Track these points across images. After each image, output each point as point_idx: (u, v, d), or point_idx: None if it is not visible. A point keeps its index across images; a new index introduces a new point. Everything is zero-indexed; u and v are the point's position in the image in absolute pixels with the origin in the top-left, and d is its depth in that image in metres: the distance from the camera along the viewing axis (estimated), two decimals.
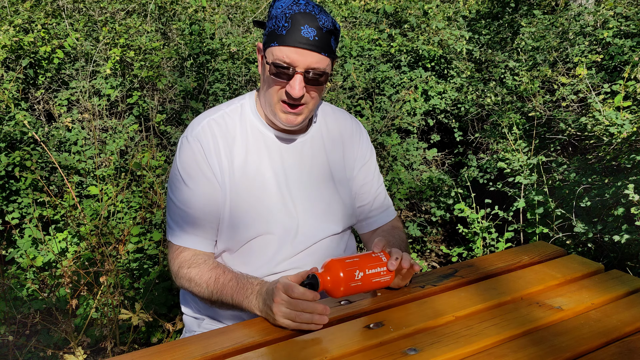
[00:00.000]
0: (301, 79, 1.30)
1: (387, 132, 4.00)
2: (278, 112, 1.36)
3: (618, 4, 4.23)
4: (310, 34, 1.27)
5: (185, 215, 1.40)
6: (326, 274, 1.20)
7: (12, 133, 3.45)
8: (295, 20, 1.27)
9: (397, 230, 1.61)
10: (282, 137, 1.45)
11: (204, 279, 1.35)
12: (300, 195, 1.44)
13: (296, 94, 1.30)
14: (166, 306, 2.62)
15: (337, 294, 1.21)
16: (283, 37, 1.28)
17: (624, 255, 2.80)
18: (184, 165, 1.40)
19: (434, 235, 3.97)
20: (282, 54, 1.29)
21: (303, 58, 1.28)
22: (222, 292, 1.31)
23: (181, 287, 1.42)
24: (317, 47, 1.28)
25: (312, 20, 1.28)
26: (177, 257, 1.41)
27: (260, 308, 1.23)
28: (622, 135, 2.95)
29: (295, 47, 1.28)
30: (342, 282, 1.20)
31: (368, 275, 1.23)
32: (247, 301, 1.26)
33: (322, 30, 1.29)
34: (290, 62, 1.29)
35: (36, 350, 2.32)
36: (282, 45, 1.28)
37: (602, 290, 1.34)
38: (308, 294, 1.15)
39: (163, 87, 4.07)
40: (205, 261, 1.39)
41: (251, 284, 1.28)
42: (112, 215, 3.12)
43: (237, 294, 1.28)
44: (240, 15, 5.16)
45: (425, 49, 4.46)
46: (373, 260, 1.26)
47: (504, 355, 1.08)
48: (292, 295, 1.14)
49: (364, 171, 1.59)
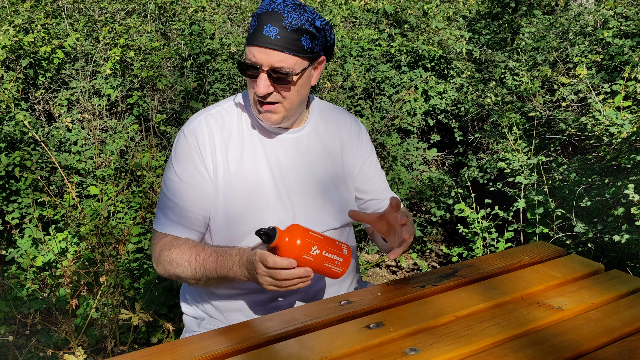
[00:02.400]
0: (265, 77, 1.32)
1: (387, 132, 4.00)
2: (255, 112, 1.40)
3: (618, 4, 4.23)
4: (271, 32, 1.28)
5: (173, 206, 1.42)
6: (285, 234, 1.19)
7: (12, 133, 3.45)
8: (260, 20, 1.30)
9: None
10: (278, 132, 1.46)
11: (185, 257, 1.36)
12: (295, 189, 1.45)
13: (260, 92, 1.32)
14: (166, 306, 2.62)
15: (286, 256, 1.20)
16: (250, 37, 1.31)
17: (624, 255, 2.80)
18: (177, 157, 1.42)
19: (434, 235, 3.97)
20: (249, 53, 1.32)
21: (266, 57, 1.30)
22: (205, 267, 1.34)
23: (164, 272, 1.42)
24: (280, 46, 1.29)
25: (276, 19, 1.28)
26: (158, 242, 1.42)
27: (246, 276, 1.29)
28: (622, 135, 2.95)
29: (259, 46, 1.30)
30: (296, 249, 1.19)
31: (322, 257, 1.23)
32: (232, 272, 1.30)
33: (286, 29, 1.29)
34: (255, 61, 1.31)
35: (36, 350, 2.32)
36: (249, 45, 1.32)
37: (602, 290, 1.34)
38: (282, 262, 1.18)
39: (163, 87, 4.07)
40: (186, 242, 1.40)
41: (230, 254, 1.31)
42: (112, 215, 3.11)
43: (220, 267, 1.32)
44: (240, 15, 5.16)
45: (425, 49, 4.46)
46: (335, 247, 1.26)
47: (504, 355, 1.08)
48: (267, 265, 1.19)
49: (366, 168, 1.60)
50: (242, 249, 1.31)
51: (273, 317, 1.25)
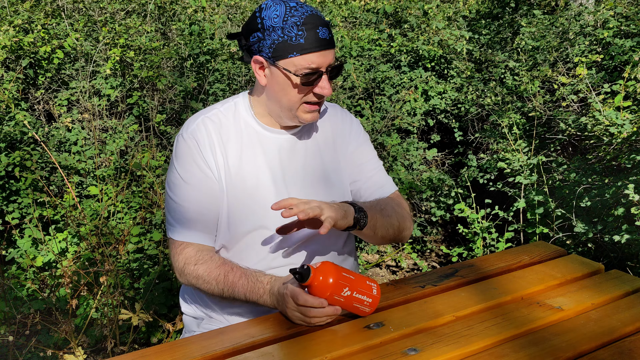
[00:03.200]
0: (326, 77, 1.36)
1: (387, 132, 4.00)
2: (300, 114, 1.40)
3: (618, 3, 4.23)
4: (325, 33, 1.33)
5: (185, 211, 1.41)
6: (319, 274, 1.18)
7: (12, 133, 3.45)
8: (307, 25, 1.31)
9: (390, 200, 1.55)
10: (276, 133, 1.46)
11: (213, 276, 1.36)
12: (295, 189, 1.45)
13: (328, 93, 1.36)
14: (166, 306, 2.62)
15: (317, 295, 1.18)
16: (302, 45, 1.31)
17: (624, 255, 2.80)
18: (180, 162, 1.42)
19: (434, 235, 3.97)
20: (306, 61, 1.32)
21: (326, 58, 1.34)
22: (234, 290, 1.34)
23: (188, 284, 1.42)
24: (332, 43, 1.36)
25: (320, 19, 1.33)
26: (180, 253, 1.42)
27: (275, 305, 1.29)
28: (622, 135, 2.95)
29: (319, 51, 1.32)
30: (328, 289, 1.17)
31: (353, 298, 1.21)
32: (262, 300, 1.31)
33: (328, 25, 1.35)
34: (317, 66, 1.33)
35: (36, 351, 2.32)
36: (304, 54, 1.32)
37: (602, 290, 1.34)
38: (313, 301, 1.17)
39: (163, 87, 4.07)
40: (212, 257, 1.40)
41: (261, 282, 1.32)
42: (112, 216, 3.11)
43: (250, 293, 1.32)
44: (240, 15, 5.16)
45: (425, 49, 4.46)
46: (365, 287, 1.23)
47: (504, 355, 1.08)
48: (297, 303, 1.19)
49: (357, 154, 1.57)
50: (274, 279, 1.31)
51: (273, 317, 1.25)
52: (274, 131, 1.46)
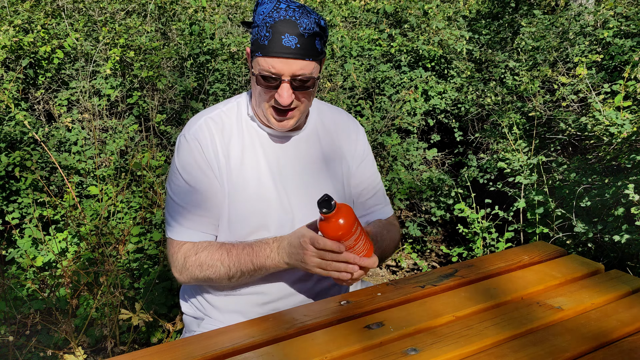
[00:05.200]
0: (288, 87, 1.31)
1: (387, 132, 4.00)
2: (270, 118, 1.39)
3: (618, 3, 4.23)
4: (291, 42, 1.27)
5: (185, 212, 1.41)
6: (339, 214, 1.22)
7: (12, 133, 3.45)
8: (276, 30, 1.27)
9: (392, 226, 1.61)
10: (278, 135, 1.46)
11: (216, 257, 1.37)
12: (295, 191, 1.45)
13: (285, 102, 1.31)
14: (166, 306, 2.62)
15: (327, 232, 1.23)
16: (266, 48, 1.29)
17: (624, 255, 2.80)
18: (182, 163, 1.41)
19: (434, 235, 3.97)
20: (267, 64, 1.29)
21: (288, 67, 1.29)
22: (240, 261, 1.35)
23: (190, 278, 1.41)
24: (300, 54, 1.28)
25: (292, 27, 1.27)
26: (178, 250, 1.42)
27: (286, 261, 1.31)
28: (622, 135, 2.95)
29: (278, 57, 1.28)
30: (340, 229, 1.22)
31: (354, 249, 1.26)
32: (270, 260, 1.32)
33: (303, 36, 1.28)
34: (276, 72, 1.29)
35: (36, 350, 2.32)
36: (266, 56, 1.29)
37: (602, 290, 1.34)
38: (332, 245, 1.22)
39: (163, 87, 4.07)
40: (210, 243, 1.40)
41: (267, 243, 1.34)
42: (112, 215, 3.11)
43: (256, 257, 1.33)
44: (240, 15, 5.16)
45: (425, 49, 4.46)
46: (365, 245, 1.29)
47: (504, 355, 1.08)
48: (317, 246, 1.23)
49: (362, 168, 1.60)
50: (279, 237, 1.34)
51: (273, 317, 1.25)
52: (275, 132, 1.46)
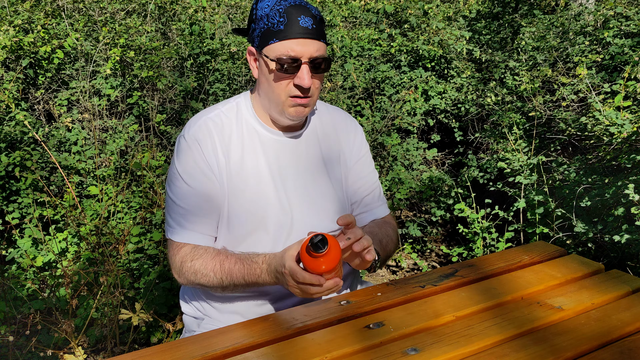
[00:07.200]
0: (308, 68, 1.32)
1: (387, 132, 4.00)
2: (287, 109, 1.38)
3: (618, 3, 4.23)
4: (307, 22, 1.30)
5: (185, 213, 1.41)
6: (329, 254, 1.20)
7: (12, 133, 3.45)
8: (290, 13, 1.30)
9: (387, 225, 1.61)
10: (278, 135, 1.46)
11: (210, 267, 1.37)
12: (294, 192, 1.45)
13: (306, 84, 1.32)
14: (166, 306, 2.62)
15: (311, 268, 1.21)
16: (282, 32, 1.30)
17: (624, 255, 2.80)
18: (182, 164, 1.41)
19: (434, 235, 3.97)
20: (285, 48, 1.31)
21: (306, 48, 1.31)
22: (231, 276, 1.35)
23: (187, 282, 1.42)
24: (316, 34, 1.32)
25: (305, 10, 1.31)
26: (177, 253, 1.42)
27: (275, 282, 1.32)
28: (622, 135, 2.95)
29: (297, 38, 1.30)
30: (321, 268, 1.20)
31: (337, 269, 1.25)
32: (261, 279, 1.33)
33: (316, 17, 1.33)
34: (295, 55, 1.31)
35: (36, 350, 2.32)
36: (283, 40, 1.31)
37: (602, 290, 1.34)
38: (311, 278, 1.20)
39: (163, 87, 4.07)
40: (207, 250, 1.40)
41: (257, 262, 1.33)
42: (112, 215, 3.11)
43: (248, 275, 1.34)
44: (240, 16, 5.16)
45: (425, 49, 4.46)
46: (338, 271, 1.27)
47: (504, 355, 1.08)
48: (297, 281, 1.22)
49: (360, 166, 1.59)
50: (268, 257, 1.32)
51: (273, 317, 1.25)
52: (275, 132, 1.45)
